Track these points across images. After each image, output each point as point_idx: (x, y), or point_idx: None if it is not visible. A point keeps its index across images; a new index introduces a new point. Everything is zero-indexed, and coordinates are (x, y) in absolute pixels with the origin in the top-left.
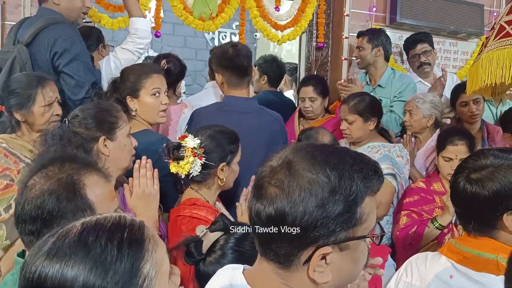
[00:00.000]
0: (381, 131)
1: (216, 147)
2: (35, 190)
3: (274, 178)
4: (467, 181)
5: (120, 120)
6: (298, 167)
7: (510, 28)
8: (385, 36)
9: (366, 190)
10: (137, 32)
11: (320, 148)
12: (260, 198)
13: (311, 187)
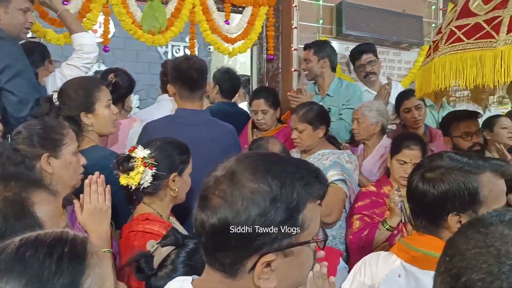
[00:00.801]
0: (330, 139)
1: (166, 157)
2: None
3: (217, 188)
4: (421, 179)
5: (66, 137)
6: (240, 177)
7: (461, 33)
8: (330, 47)
9: (307, 197)
10: (82, 48)
11: (263, 158)
12: (204, 208)
13: (253, 196)
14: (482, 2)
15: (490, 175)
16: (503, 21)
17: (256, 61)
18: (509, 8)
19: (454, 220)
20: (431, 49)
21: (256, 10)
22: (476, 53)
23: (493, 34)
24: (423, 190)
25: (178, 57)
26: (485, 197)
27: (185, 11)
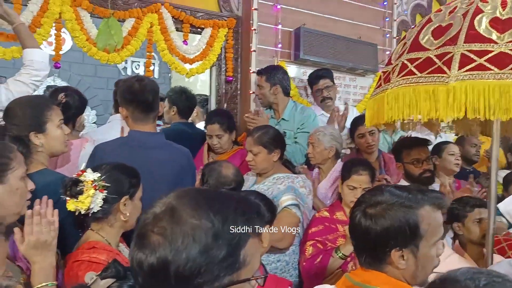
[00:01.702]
0: (285, 163)
1: (116, 180)
2: None
3: (157, 225)
4: (363, 215)
5: (13, 161)
6: (181, 213)
7: (413, 66)
8: (281, 73)
9: (248, 232)
10: (32, 64)
11: (204, 193)
12: (142, 247)
13: (194, 232)
14: (432, 37)
15: (429, 209)
16: (454, 57)
17: (215, 82)
18: (459, 44)
19: (397, 255)
20: (382, 80)
21: (215, 31)
22: (429, 87)
23: (445, 70)
24: (366, 227)
25: (128, 78)
26: (424, 231)
27: (143, 30)
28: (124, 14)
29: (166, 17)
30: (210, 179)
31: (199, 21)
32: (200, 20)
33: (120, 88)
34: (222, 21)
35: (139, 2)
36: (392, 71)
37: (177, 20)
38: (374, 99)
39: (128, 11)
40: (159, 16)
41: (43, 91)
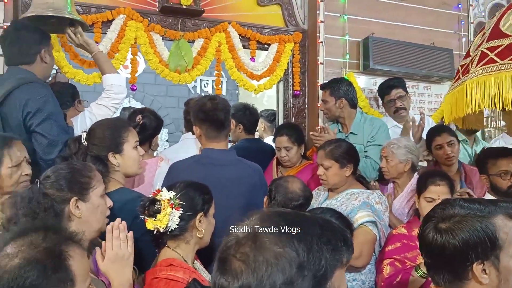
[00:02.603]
0: (358, 178)
1: (190, 198)
2: (17, 259)
3: (239, 251)
4: (436, 230)
5: (93, 180)
6: (264, 239)
7: (493, 55)
8: (346, 85)
9: (335, 264)
10: (112, 88)
11: (287, 217)
12: (224, 273)
13: (278, 262)
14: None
15: (503, 218)
16: None
17: (282, 97)
18: None
19: (479, 269)
20: (460, 73)
21: (282, 46)
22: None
23: None
24: (442, 242)
25: (200, 97)
26: (503, 241)
27: (211, 50)
28: (194, 35)
29: (234, 36)
30: (277, 195)
31: (265, 37)
32: (266, 36)
33: (193, 107)
34: (288, 35)
35: (207, 23)
36: (470, 62)
37: (244, 37)
38: (452, 93)
39: (197, 31)
40: (227, 35)
41: (119, 112)
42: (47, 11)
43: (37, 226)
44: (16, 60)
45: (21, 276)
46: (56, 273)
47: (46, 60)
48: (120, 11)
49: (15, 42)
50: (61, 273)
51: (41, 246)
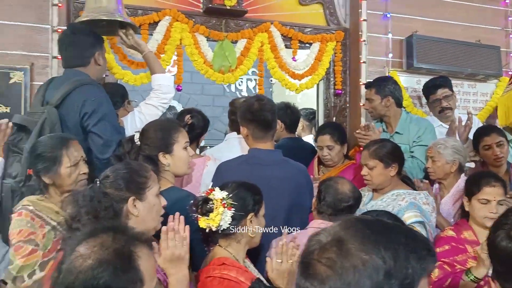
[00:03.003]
0: (404, 179)
1: (242, 197)
2: (91, 259)
3: (323, 256)
4: (509, 238)
5: (149, 180)
6: (349, 246)
7: None
8: (392, 84)
9: (421, 273)
10: (160, 88)
11: (371, 225)
12: (309, 277)
13: (365, 268)
14: None
15: None
16: None
17: (323, 96)
18: None
19: None
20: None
21: (324, 45)
22: None
23: None
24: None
25: (248, 98)
26: None
27: (254, 50)
28: (237, 35)
29: (276, 35)
30: (327, 196)
31: (307, 36)
32: (308, 35)
33: (241, 108)
34: (330, 34)
35: (250, 23)
36: None
37: (286, 37)
38: (508, 95)
39: (240, 32)
40: (269, 35)
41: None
42: (100, 15)
43: (106, 227)
44: (72, 63)
45: (94, 277)
46: (126, 274)
47: (99, 62)
48: (166, 12)
49: (71, 46)
50: (131, 273)
51: (111, 248)
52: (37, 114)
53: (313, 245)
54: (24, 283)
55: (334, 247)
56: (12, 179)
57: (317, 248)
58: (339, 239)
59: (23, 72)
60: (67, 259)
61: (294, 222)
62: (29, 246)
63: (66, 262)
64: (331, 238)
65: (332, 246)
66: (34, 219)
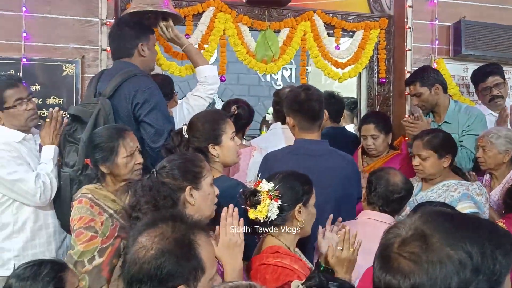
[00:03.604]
0: (455, 169)
1: (289, 188)
2: (153, 250)
3: (405, 250)
4: None
5: (204, 169)
6: (434, 240)
7: None
8: (434, 71)
9: (508, 268)
10: (206, 80)
11: (454, 219)
12: (390, 271)
13: (452, 264)
14: None
15: None
16: None
17: (365, 85)
18: None
19: None
20: None
21: (367, 33)
22: None
23: None
24: None
25: (294, 88)
26: None
27: (297, 39)
28: (279, 25)
29: (319, 24)
30: (378, 187)
31: (350, 24)
32: (351, 23)
33: (287, 98)
34: (373, 22)
35: (293, 12)
36: None
37: (329, 25)
38: None
39: (283, 21)
40: (312, 24)
41: None
42: (147, 7)
43: (165, 217)
44: (118, 54)
45: (158, 267)
46: (188, 262)
47: (144, 54)
48: (210, 3)
49: (117, 38)
50: (192, 261)
51: (172, 237)
52: (91, 105)
53: (391, 239)
54: (84, 267)
55: (418, 241)
56: (69, 168)
57: (397, 241)
58: (422, 233)
59: (74, 64)
60: (130, 249)
61: (342, 213)
62: (89, 232)
63: (129, 252)
64: (412, 232)
65: (414, 240)
66: (93, 207)
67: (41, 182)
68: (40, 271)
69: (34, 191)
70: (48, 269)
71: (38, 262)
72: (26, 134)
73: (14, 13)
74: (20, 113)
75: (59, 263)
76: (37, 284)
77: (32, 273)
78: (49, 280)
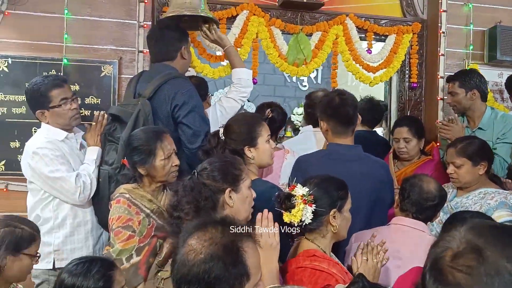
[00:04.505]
0: (492, 177)
1: (324, 193)
2: (202, 254)
3: (459, 263)
4: None
5: (243, 172)
6: (489, 253)
7: None
8: (477, 76)
9: None
10: (240, 82)
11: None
12: (445, 284)
13: (510, 276)
14: None
15: None
16: None
17: (396, 89)
18: None
19: None
20: None
21: (400, 37)
22: None
23: None
24: None
25: (329, 92)
26: None
27: (329, 42)
28: (312, 28)
29: (351, 28)
30: (412, 194)
31: (383, 28)
32: (384, 27)
33: (321, 102)
34: (406, 26)
35: (325, 16)
36: None
37: (361, 29)
38: None
39: (315, 25)
40: (344, 27)
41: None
42: (185, 11)
43: (214, 221)
44: (161, 57)
45: (206, 271)
46: (235, 268)
47: (185, 56)
48: (244, 7)
49: (160, 41)
50: (239, 267)
51: (221, 243)
52: (130, 106)
53: (442, 252)
54: (123, 265)
55: (472, 254)
56: (108, 166)
57: (448, 255)
58: (475, 246)
59: (112, 65)
60: (180, 250)
61: (375, 218)
62: (127, 231)
63: (179, 253)
64: (465, 246)
65: (469, 253)
66: (131, 207)
67: (82, 181)
68: (91, 268)
69: (74, 189)
70: (99, 267)
71: (89, 259)
72: (69, 133)
73: (56, 15)
74: (65, 112)
75: (108, 261)
76: (88, 280)
77: (84, 270)
78: (99, 278)
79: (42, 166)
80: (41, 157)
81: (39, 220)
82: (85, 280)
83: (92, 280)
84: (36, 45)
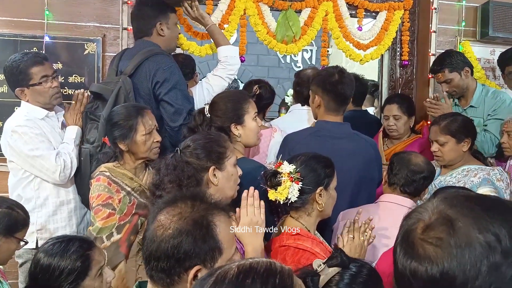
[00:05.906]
0: (475, 153)
1: (311, 171)
2: (171, 229)
3: (430, 236)
4: None
5: (228, 150)
6: (460, 224)
7: None
8: (458, 54)
9: None
10: (227, 60)
11: (480, 202)
12: (415, 257)
13: (481, 247)
14: None
15: None
16: None
17: (387, 67)
18: None
19: None
20: None
21: (391, 14)
22: None
23: None
24: None
25: (328, 68)
26: None
27: (318, 19)
28: (301, 4)
29: (341, 4)
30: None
31: (374, 4)
32: (374, 3)
33: (319, 76)
34: (397, 2)
35: None
36: None
37: (351, 6)
38: None
39: (305, 1)
40: (334, 4)
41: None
42: None
43: (184, 196)
44: (139, 34)
45: (175, 246)
46: (205, 243)
47: (162, 33)
48: None
49: (136, 17)
50: (209, 242)
51: (190, 217)
52: (112, 83)
53: (413, 224)
54: (103, 243)
55: (443, 226)
56: (90, 144)
57: (420, 227)
58: (447, 217)
59: (95, 43)
60: (149, 226)
61: (362, 196)
62: (106, 209)
63: (149, 229)
64: (436, 217)
65: (440, 225)
66: (111, 185)
67: (62, 160)
68: (68, 248)
69: (54, 168)
70: (76, 247)
71: (67, 238)
72: (49, 112)
73: None
74: (45, 90)
75: (87, 241)
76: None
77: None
78: (77, 258)
79: (21, 144)
80: (20, 135)
81: (21, 200)
82: (61, 260)
83: (69, 260)
84: (17, 22)
